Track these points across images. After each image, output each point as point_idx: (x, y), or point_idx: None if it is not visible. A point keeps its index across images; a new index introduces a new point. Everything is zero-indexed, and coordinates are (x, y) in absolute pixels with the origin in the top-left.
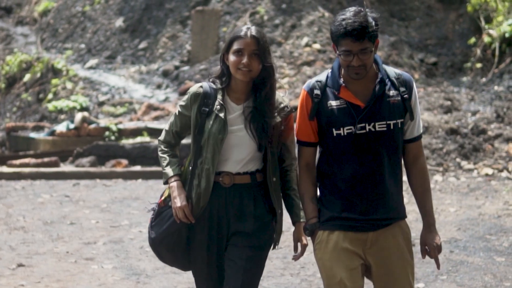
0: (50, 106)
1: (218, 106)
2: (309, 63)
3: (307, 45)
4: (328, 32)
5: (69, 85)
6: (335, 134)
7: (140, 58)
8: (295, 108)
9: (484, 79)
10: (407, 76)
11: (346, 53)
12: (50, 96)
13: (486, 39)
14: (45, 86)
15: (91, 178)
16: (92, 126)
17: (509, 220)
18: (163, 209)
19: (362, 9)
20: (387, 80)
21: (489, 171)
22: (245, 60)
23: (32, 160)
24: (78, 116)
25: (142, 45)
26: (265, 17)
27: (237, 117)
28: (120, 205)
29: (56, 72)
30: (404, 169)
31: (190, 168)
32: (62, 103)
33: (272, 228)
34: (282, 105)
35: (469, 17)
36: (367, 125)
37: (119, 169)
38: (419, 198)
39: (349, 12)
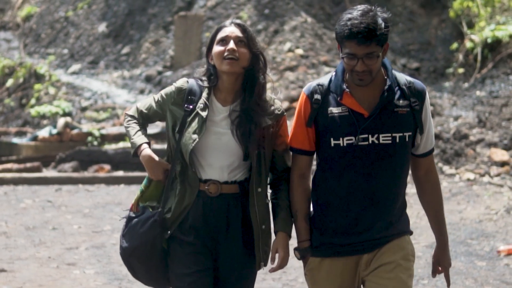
0: (33, 111)
1: (202, 105)
2: (291, 68)
3: (289, 50)
4: (311, 37)
5: (51, 90)
6: (332, 144)
7: (123, 63)
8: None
9: (466, 84)
10: (420, 84)
11: (350, 56)
12: (32, 101)
13: (468, 44)
14: (28, 91)
15: (73, 183)
16: (75, 131)
17: (490, 224)
18: (135, 214)
19: (372, 9)
20: (396, 88)
21: (471, 176)
22: (230, 45)
23: (15, 165)
24: (61, 121)
25: (125, 50)
26: (248, 22)
27: (222, 120)
28: (102, 210)
29: (39, 77)
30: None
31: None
32: (44, 108)
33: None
34: (273, 108)
35: (451, 23)
36: (370, 136)
37: (101, 174)
38: (432, 216)
39: (357, 11)
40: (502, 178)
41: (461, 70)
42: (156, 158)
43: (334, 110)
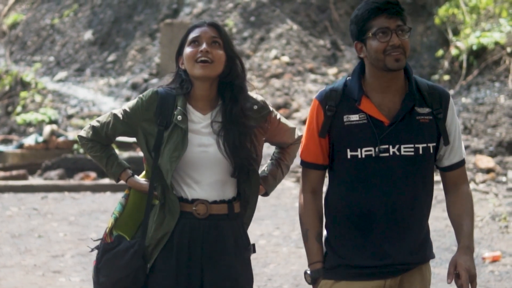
0: (19, 119)
1: (180, 116)
2: (277, 76)
3: (275, 57)
4: (296, 44)
5: (38, 98)
6: (349, 156)
7: (109, 71)
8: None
9: (452, 91)
10: (443, 90)
11: (383, 30)
12: (18, 109)
13: (453, 51)
14: (14, 99)
15: (59, 191)
16: (61, 139)
17: (475, 231)
18: (110, 245)
19: None
20: (417, 93)
21: None
22: (203, 46)
23: (0, 173)
24: (47, 129)
25: (111, 57)
26: (234, 30)
27: (204, 129)
28: (88, 218)
29: (25, 85)
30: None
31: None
32: (30, 116)
33: (250, 265)
34: (256, 107)
35: (436, 30)
36: (391, 147)
37: (87, 182)
38: (456, 219)
39: None
40: (488, 185)
41: (446, 77)
42: (146, 186)
43: (352, 117)
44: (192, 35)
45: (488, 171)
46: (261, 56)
